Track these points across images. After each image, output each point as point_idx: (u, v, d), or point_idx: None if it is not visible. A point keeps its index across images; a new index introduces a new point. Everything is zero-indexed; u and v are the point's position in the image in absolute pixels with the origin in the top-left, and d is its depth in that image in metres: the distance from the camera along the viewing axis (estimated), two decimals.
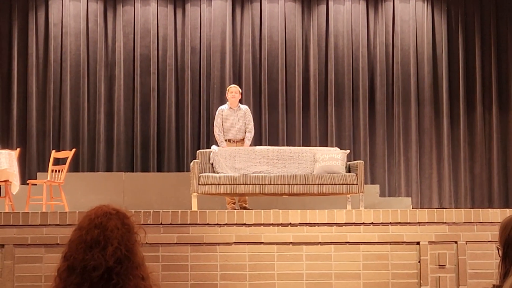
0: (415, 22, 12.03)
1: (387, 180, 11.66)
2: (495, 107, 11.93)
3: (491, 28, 12.12)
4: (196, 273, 6.29)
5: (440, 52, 12.05)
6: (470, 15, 12.16)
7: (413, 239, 6.47)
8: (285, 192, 7.95)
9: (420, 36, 12.04)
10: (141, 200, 9.81)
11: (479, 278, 6.38)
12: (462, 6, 12.15)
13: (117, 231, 2.38)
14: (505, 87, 12.04)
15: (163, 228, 6.28)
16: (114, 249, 2.34)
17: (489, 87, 12.02)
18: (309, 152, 8.36)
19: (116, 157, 11.41)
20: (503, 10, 12.18)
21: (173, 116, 11.58)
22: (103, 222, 2.40)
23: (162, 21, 11.77)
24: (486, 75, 12.04)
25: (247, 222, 6.38)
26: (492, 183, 11.79)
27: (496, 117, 11.92)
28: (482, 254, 6.43)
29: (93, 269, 2.32)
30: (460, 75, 11.97)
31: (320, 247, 6.41)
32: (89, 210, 2.49)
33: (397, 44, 11.99)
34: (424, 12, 12.08)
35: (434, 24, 12.11)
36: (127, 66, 11.61)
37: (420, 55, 12.00)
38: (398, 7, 12.06)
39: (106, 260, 2.32)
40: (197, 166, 7.94)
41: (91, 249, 2.35)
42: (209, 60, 11.74)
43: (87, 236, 2.38)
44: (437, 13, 12.13)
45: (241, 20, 11.91)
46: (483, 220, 6.52)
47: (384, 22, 12.05)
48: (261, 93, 11.77)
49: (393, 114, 11.87)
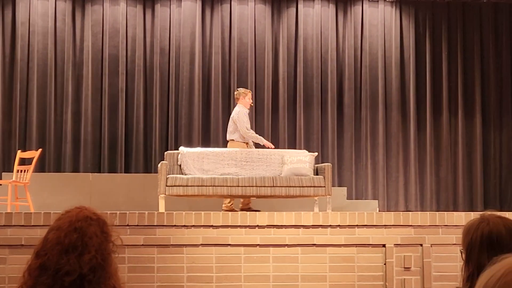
0: (383, 26, 12.13)
1: (354, 183, 11.74)
2: (461, 112, 12.07)
3: (458, 34, 12.27)
4: (163, 275, 6.27)
5: (407, 57, 12.17)
6: (437, 21, 12.29)
7: (379, 241, 6.52)
8: (253, 194, 7.96)
9: (388, 41, 12.14)
10: (108, 201, 9.73)
11: (443, 281, 6.45)
12: (430, 11, 12.28)
13: (96, 239, 2.36)
14: (470, 92, 12.19)
15: (130, 230, 6.24)
16: (91, 257, 2.32)
17: (455, 92, 12.16)
18: (277, 155, 8.38)
19: (83, 157, 11.32)
20: (470, 16, 12.33)
21: (141, 117, 11.53)
22: (83, 227, 2.37)
23: (131, 21, 11.71)
24: (452, 80, 12.18)
25: (214, 224, 6.38)
26: (457, 186, 11.93)
27: (462, 122, 12.06)
28: (447, 256, 6.49)
29: (66, 274, 2.29)
30: (427, 80, 12.10)
31: (287, 249, 6.42)
32: (69, 210, 2.45)
33: (365, 48, 12.08)
34: (393, 17, 12.19)
35: (402, 28, 12.22)
36: (95, 66, 11.52)
37: (388, 59, 12.11)
38: (367, 11, 12.14)
39: (81, 267, 2.30)
40: (165, 167, 7.91)
41: (67, 253, 2.32)
42: (178, 61, 11.71)
43: (65, 239, 2.35)
44: (405, 18, 12.25)
45: (211, 21, 11.90)
46: (448, 223, 6.59)
47: (353, 26, 12.13)
48: (230, 95, 11.76)
49: (361, 117, 11.95)
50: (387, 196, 11.77)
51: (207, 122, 11.69)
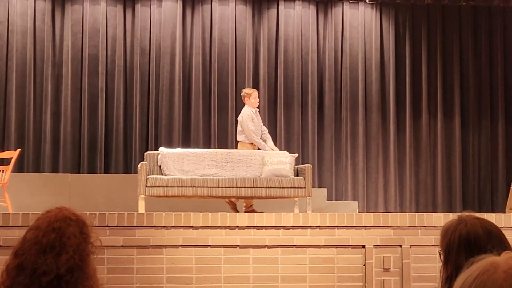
0: (363, 28, 12.18)
1: (334, 184, 11.77)
2: (440, 114, 12.15)
3: (438, 37, 12.35)
4: (142, 276, 6.24)
5: (387, 59, 12.22)
6: (417, 23, 12.36)
7: (359, 242, 6.54)
8: (233, 195, 7.95)
9: (368, 42, 12.19)
10: (87, 202, 9.68)
11: (422, 282, 6.48)
12: (410, 13, 12.34)
13: (74, 239, 2.35)
14: (450, 94, 12.27)
15: (109, 230, 6.21)
16: (68, 257, 2.31)
17: (434, 94, 12.24)
18: (257, 155, 8.38)
19: (62, 158, 11.25)
20: (450, 18, 12.42)
21: (121, 117, 11.48)
22: (62, 227, 2.36)
23: (111, 21, 11.66)
24: (432, 82, 12.26)
25: (194, 224, 6.36)
26: (436, 188, 12.01)
27: (441, 124, 12.14)
28: (426, 257, 6.53)
29: (43, 274, 2.28)
30: (407, 81, 12.16)
31: (267, 250, 6.43)
32: (48, 211, 2.44)
33: (346, 49, 12.12)
34: (373, 19, 12.24)
35: (382, 30, 12.28)
36: (75, 65, 11.46)
37: (368, 61, 12.15)
38: (347, 13, 12.19)
39: (58, 267, 2.29)
40: (145, 168, 7.89)
41: (44, 253, 2.31)
42: (158, 62, 11.68)
43: (43, 239, 2.34)
44: (386, 20, 12.31)
45: (192, 22, 11.89)
46: (427, 224, 6.63)
47: (333, 27, 12.16)
48: (211, 96, 11.76)
49: (341, 118, 11.99)
50: (367, 197, 11.82)
51: (187, 122, 11.66)
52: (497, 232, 2.66)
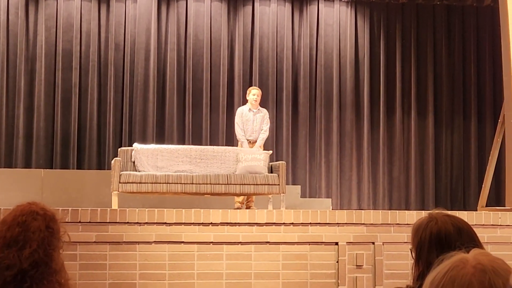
0: (338, 26, 12.22)
1: (308, 181, 11.81)
2: (413, 112, 12.24)
3: (412, 35, 12.43)
4: (115, 272, 6.22)
5: (362, 57, 12.28)
6: (392, 21, 12.44)
7: (332, 239, 6.57)
8: (207, 191, 7.94)
9: (343, 40, 12.24)
10: (60, 198, 9.61)
11: (395, 278, 6.53)
12: (385, 12, 12.41)
13: (39, 233, 2.32)
14: (423, 92, 12.37)
15: (82, 226, 6.18)
16: (32, 251, 2.28)
17: (408, 92, 12.33)
18: (232, 152, 8.38)
19: (35, 153, 11.16)
20: (423, 17, 12.51)
21: (94, 113, 11.41)
22: (27, 221, 2.33)
23: (85, 16, 11.57)
24: (405, 81, 12.34)
25: (167, 221, 6.35)
26: (409, 186, 12.10)
27: (415, 122, 12.23)
28: (398, 254, 6.58)
29: (6, 268, 2.26)
30: (381, 79, 12.23)
31: (240, 247, 6.43)
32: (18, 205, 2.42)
33: (320, 47, 12.15)
34: (348, 17, 12.29)
35: (357, 28, 12.33)
36: (48, 60, 11.36)
37: (343, 58, 12.20)
38: (322, 11, 12.22)
39: (20, 262, 2.27)
40: (118, 164, 7.84)
41: (8, 247, 2.29)
42: (133, 57, 11.62)
43: (7, 233, 2.31)
44: (360, 18, 12.36)
45: (167, 18, 11.84)
46: (400, 222, 6.68)
47: (308, 25, 12.19)
48: (185, 92, 11.73)
49: (316, 116, 12.02)
50: (341, 195, 11.87)
51: (161, 118, 11.63)
52: (467, 229, 2.68)
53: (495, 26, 10.99)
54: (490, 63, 12.48)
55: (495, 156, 8.67)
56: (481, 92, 12.52)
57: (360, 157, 12.04)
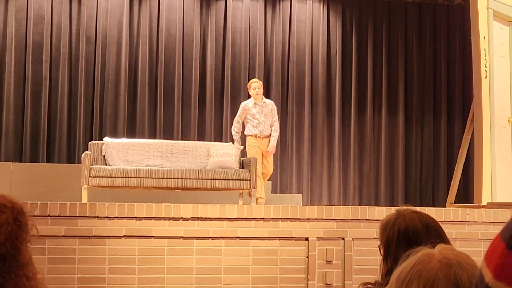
0: (311, 22, 12.26)
1: (279, 176, 11.83)
2: (384, 109, 12.33)
3: (383, 32, 12.51)
4: (84, 267, 6.19)
5: (334, 53, 12.33)
6: (364, 18, 12.51)
7: (302, 234, 6.60)
8: (178, 186, 7.93)
9: (315, 37, 12.27)
10: (30, 192, 9.52)
11: (364, 274, 6.58)
12: (357, 9, 12.47)
13: (7, 226, 2.30)
14: (394, 90, 12.46)
15: (51, 220, 6.14)
16: None
17: (379, 90, 12.41)
18: (203, 147, 8.38)
19: (4, 146, 11.04)
20: (395, 15, 12.60)
21: (65, 106, 11.31)
22: None
23: (56, 8, 11.45)
24: (377, 77, 12.43)
25: (137, 215, 6.33)
26: (379, 182, 12.19)
27: (385, 119, 12.32)
28: (368, 250, 6.63)
29: None
30: (353, 76, 12.30)
31: (210, 242, 6.44)
32: None
33: (293, 43, 12.18)
34: (320, 13, 12.32)
35: (329, 25, 12.38)
36: (18, 53, 11.23)
37: (315, 55, 12.24)
38: (295, 7, 12.25)
39: None
40: (89, 158, 7.80)
41: None
42: (104, 51, 11.54)
43: None
44: (333, 15, 12.41)
45: (139, 11, 11.77)
46: (370, 218, 6.73)
47: (281, 21, 12.21)
48: (157, 86, 11.68)
49: (287, 112, 12.05)
50: (311, 190, 11.92)
51: (133, 113, 11.57)
52: (435, 225, 2.71)
53: (466, 25, 11.11)
54: (460, 61, 12.62)
55: (464, 153, 8.77)
56: (451, 90, 12.65)
57: (331, 153, 12.09)
